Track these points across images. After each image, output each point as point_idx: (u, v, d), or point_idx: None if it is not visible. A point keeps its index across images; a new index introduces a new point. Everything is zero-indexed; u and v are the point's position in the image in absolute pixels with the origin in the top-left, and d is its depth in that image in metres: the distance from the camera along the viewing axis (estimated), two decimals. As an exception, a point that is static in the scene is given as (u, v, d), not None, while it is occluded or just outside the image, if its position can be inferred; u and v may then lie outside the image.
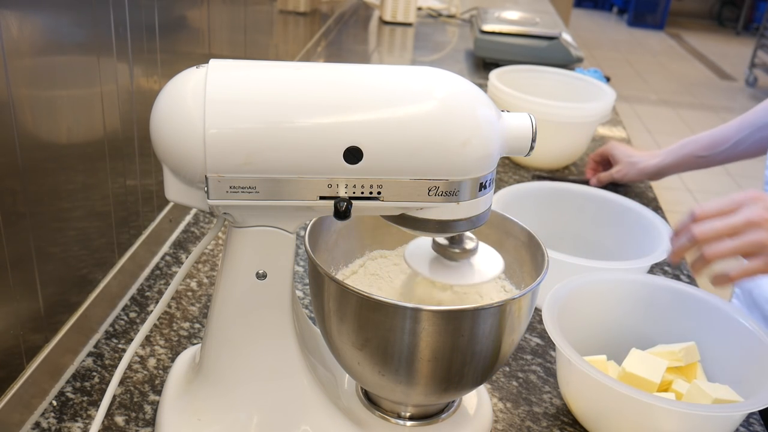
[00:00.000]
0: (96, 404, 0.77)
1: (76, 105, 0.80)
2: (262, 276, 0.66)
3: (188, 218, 1.17)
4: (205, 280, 1.00)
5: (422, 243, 0.72)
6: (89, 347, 0.86)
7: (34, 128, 0.71)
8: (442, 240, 0.69)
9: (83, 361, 0.83)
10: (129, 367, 0.82)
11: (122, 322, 0.91)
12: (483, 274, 0.69)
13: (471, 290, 0.75)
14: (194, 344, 0.87)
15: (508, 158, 1.52)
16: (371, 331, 0.65)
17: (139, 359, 0.84)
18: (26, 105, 0.69)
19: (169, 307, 0.94)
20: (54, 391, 0.78)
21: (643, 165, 1.32)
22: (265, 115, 0.57)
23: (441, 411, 0.76)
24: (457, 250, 0.69)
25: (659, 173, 1.32)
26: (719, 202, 0.84)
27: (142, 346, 0.87)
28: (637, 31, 7.55)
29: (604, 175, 1.36)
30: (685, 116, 5.14)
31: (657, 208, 1.36)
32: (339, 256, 0.78)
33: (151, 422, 0.76)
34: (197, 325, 0.91)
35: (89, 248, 0.86)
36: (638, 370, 0.79)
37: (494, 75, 1.53)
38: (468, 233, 0.69)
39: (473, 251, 0.69)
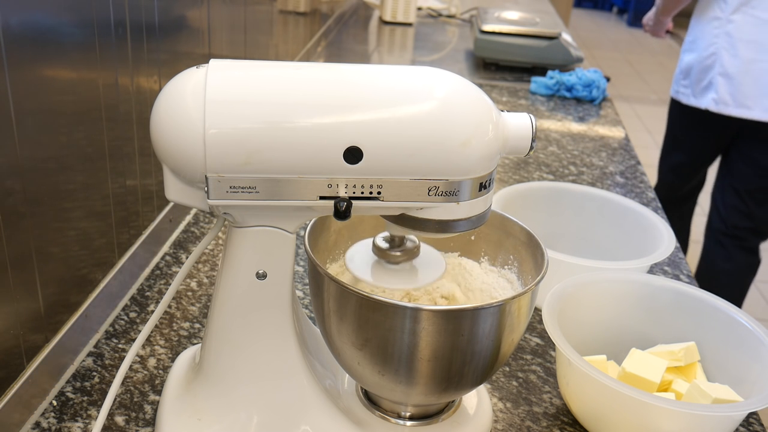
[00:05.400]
0: (96, 404, 0.77)
1: (76, 105, 0.80)
2: (262, 276, 0.66)
3: (188, 218, 1.17)
4: (205, 280, 1.00)
5: (363, 247, 0.71)
6: (89, 347, 0.86)
7: (34, 128, 0.71)
8: (382, 243, 0.68)
9: (83, 361, 0.83)
10: (129, 367, 0.82)
11: (122, 322, 0.91)
12: (426, 277, 0.68)
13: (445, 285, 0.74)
14: (194, 344, 0.87)
15: (508, 158, 1.52)
16: (371, 331, 0.65)
17: (139, 359, 0.84)
18: (26, 105, 0.69)
19: (169, 307, 0.94)
20: (54, 391, 0.78)
21: None
22: (265, 115, 0.57)
23: (441, 411, 0.76)
24: (397, 253, 0.68)
25: None
26: None
27: (143, 346, 0.87)
28: (637, 31, 7.53)
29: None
30: (685, 116, 5.12)
31: (657, 208, 1.36)
32: (339, 256, 0.78)
33: (151, 422, 0.76)
34: (197, 325, 0.91)
35: (89, 248, 0.86)
36: (638, 370, 0.79)
37: None
38: (409, 235, 0.68)
39: (414, 253, 0.68)
